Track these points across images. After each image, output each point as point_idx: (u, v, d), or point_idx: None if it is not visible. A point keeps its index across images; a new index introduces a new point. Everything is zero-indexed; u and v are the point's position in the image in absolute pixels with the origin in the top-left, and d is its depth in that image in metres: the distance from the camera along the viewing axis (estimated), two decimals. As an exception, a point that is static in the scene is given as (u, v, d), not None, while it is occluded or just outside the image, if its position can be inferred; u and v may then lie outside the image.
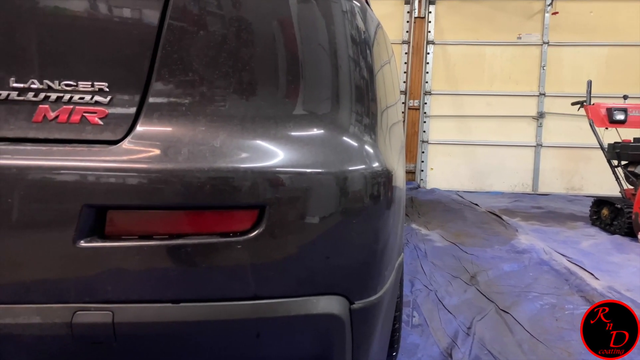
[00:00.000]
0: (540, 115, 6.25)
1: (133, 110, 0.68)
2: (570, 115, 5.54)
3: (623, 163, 3.78)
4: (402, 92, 6.40)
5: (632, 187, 3.70)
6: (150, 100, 0.69)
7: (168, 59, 0.69)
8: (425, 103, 6.47)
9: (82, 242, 0.65)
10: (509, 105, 6.30)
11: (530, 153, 6.35)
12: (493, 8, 6.28)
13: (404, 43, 6.46)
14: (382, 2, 6.38)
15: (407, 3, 6.42)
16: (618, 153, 3.74)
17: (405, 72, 6.46)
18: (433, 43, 6.43)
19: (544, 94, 6.24)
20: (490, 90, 6.32)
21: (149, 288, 0.67)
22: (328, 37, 0.77)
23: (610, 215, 3.64)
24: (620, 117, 3.75)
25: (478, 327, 1.79)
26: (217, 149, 0.68)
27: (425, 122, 6.48)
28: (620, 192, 3.81)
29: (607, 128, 3.88)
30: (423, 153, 6.49)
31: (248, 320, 0.69)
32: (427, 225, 3.73)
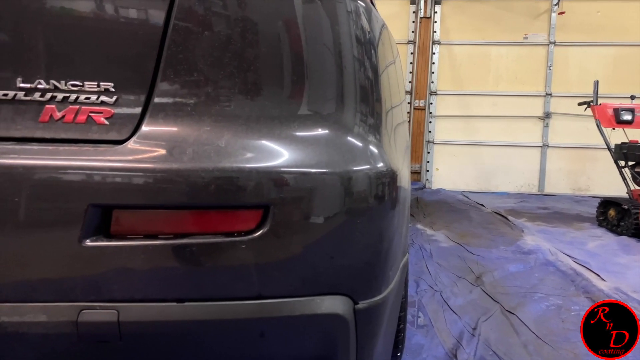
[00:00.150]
0: (547, 116, 6.22)
1: (138, 110, 0.69)
2: (577, 116, 5.51)
3: (630, 163, 3.75)
4: (407, 92, 6.39)
5: (639, 187, 3.67)
6: (156, 100, 0.69)
7: (173, 59, 0.69)
8: (431, 103, 6.45)
9: (87, 241, 0.65)
10: (515, 106, 6.27)
11: (537, 153, 6.32)
12: (499, 8, 6.26)
13: (410, 43, 6.45)
14: (387, 2, 6.37)
15: (412, 3, 6.41)
16: (625, 153, 3.71)
17: (411, 72, 6.45)
18: (439, 43, 6.41)
19: (551, 94, 6.21)
20: (496, 91, 6.30)
21: (154, 287, 0.68)
22: (333, 37, 0.77)
23: (617, 216, 3.62)
24: (628, 117, 3.73)
25: (483, 327, 1.79)
26: (222, 149, 0.68)
27: (431, 122, 6.47)
28: (627, 192, 3.78)
29: (614, 128, 3.86)
30: (429, 153, 6.48)
31: (252, 320, 0.70)
32: (432, 226, 3.72)
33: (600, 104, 3.88)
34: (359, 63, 0.79)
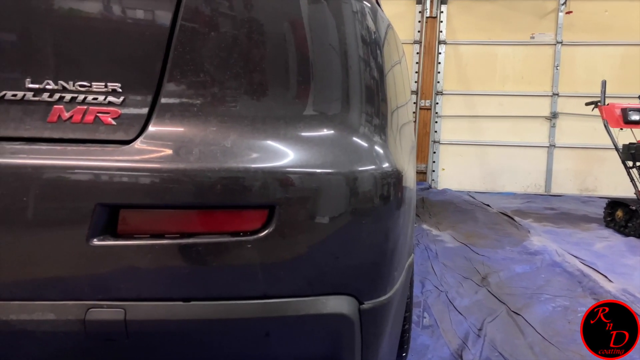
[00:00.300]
0: (554, 116, 6.19)
1: (145, 111, 0.69)
2: (584, 116, 5.47)
3: (638, 164, 3.72)
4: (413, 92, 6.38)
5: (647, 188, 3.65)
6: (163, 101, 0.70)
7: (180, 60, 0.70)
8: (437, 103, 6.43)
9: (95, 240, 0.66)
10: (522, 106, 6.24)
11: (543, 154, 6.28)
12: (506, 7, 6.23)
13: (416, 43, 6.44)
14: (393, 1, 6.37)
15: (418, 3, 6.39)
16: (633, 154, 3.68)
17: (417, 72, 6.43)
18: (445, 43, 6.39)
19: (558, 94, 6.17)
20: (503, 91, 6.27)
21: (160, 286, 0.68)
22: (338, 37, 0.77)
23: (625, 217, 3.59)
24: (636, 117, 3.70)
25: (489, 328, 1.78)
26: (228, 149, 0.68)
27: (437, 122, 6.45)
28: (635, 193, 3.75)
29: (621, 129, 3.83)
30: (434, 153, 6.46)
31: (257, 319, 0.70)
32: (438, 226, 3.71)
33: (608, 104, 3.85)
34: (365, 63, 0.79)
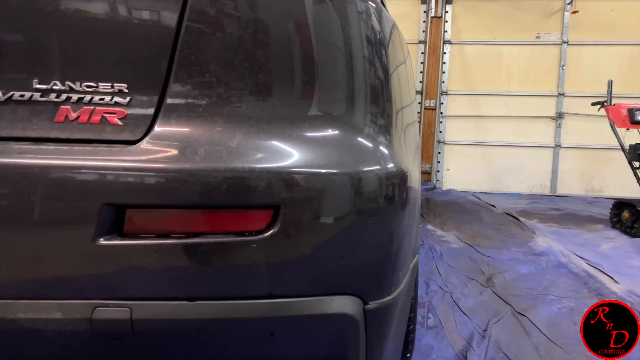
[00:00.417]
0: (559, 116, 6.15)
1: (151, 111, 0.70)
2: (590, 116, 5.44)
3: (644, 165, 3.70)
4: (418, 92, 6.36)
5: (654, 189, 3.62)
6: (168, 101, 0.70)
7: (185, 61, 0.70)
8: (442, 103, 6.42)
9: (101, 239, 0.66)
10: (527, 106, 6.21)
11: (549, 154, 6.25)
12: (511, 7, 6.20)
13: (420, 43, 6.42)
14: (398, 1, 6.35)
15: (423, 3, 6.38)
16: (639, 154, 3.66)
17: (422, 72, 6.42)
18: (450, 43, 6.37)
19: (563, 94, 6.14)
20: (508, 91, 6.24)
21: (166, 286, 0.68)
22: (343, 38, 0.78)
23: (631, 218, 3.57)
24: (642, 117, 3.67)
25: (494, 329, 1.77)
26: (233, 149, 0.69)
27: (442, 122, 6.43)
28: (642, 194, 3.73)
29: (628, 129, 3.80)
30: (439, 153, 6.44)
31: (262, 319, 0.70)
32: (442, 227, 3.70)
33: (614, 104, 3.83)
34: (370, 64, 0.79)
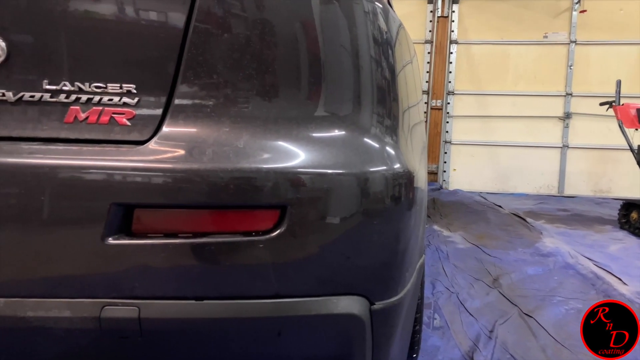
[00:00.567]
0: (567, 116, 6.11)
1: (159, 112, 0.70)
2: (599, 116, 5.40)
3: (654, 165, 3.66)
4: (424, 92, 6.35)
5: (663, 190, 3.59)
6: (176, 102, 0.71)
7: (193, 62, 0.71)
8: (448, 103, 6.40)
9: (110, 239, 0.67)
10: (535, 106, 6.17)
11: (556, 154, 6.21)
12: (518, 7, 6.17)
13: (427, 42, 6.40)
14: (404, 1, 6.34)
15: (430, 2, 6.36)
16: (648, 155, 3.63)
17: (428, 71, 6.40)
18: (456, 42, 6.35)
19: (571, 94, 6.10)
20: (515, 90, 6.21)
21: (174, 285, 0.69)
22: (350, 38, 0.78)
23: (640, 219, 3.54)
24: (651, 118, 3.64)
25: (500, 330, 1.77)
26: (240, 150, 0.69)
27: (448, 122, 6.41)
28: (651, 195, 3.70)
29: (637, 129, 3.77)
30: (446, 154, 6.42)
31: (269, 319, 0.70)
32: (449, 227, 3.69)
33: (623, 104, 3.80)
34: (376, 64, 0.80)
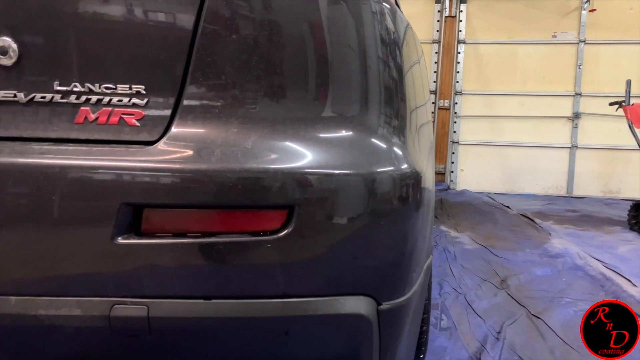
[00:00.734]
0: (576, 116, 6.07)
1: (168, 113, 0.71)
2: (608, 116, 5.35)
3: (664, 166, 3.63)
4: (432, 92, 6.33)
5: (673, 190, 3.56)
6: (185, 103, 0.71)
7: (202, 63, 0.71)
8: (456, 103, 6.37)
9: (119, 238, 0.68)
10: (543, 106, 6.13)
11: (565, 155, 6.16)
12: (527, 6, 6.13)
13: (435, 42, 6.38)
14: (412, 1, 6.32)
15: (437, 2, 6.34)
16: (659, 155, 3.60)
17: (436, 71, 6.38)
18: (464, 42, 6.32)
19: (580, 94, 6.05)
20: (524, 90, 6.17)
21: (182, 284, 0.70)
22: (357, 39, 0.78)
23: (650, 220, 3.51)
24: (662, 118, 3.61)
25: (508, 331, 1.76)
26: (248, 150, 0.69)
27: (456, 122, 6.39)
28: (661, 195, 3.67)
29: (647, 129, 3.74)
30: (453, 154, 6.40)
31: (277, 318, 0.71)
32: (456, 228, 3.68)
33: (633, 104, 3.76)
34: (384, 64, 0.80)
